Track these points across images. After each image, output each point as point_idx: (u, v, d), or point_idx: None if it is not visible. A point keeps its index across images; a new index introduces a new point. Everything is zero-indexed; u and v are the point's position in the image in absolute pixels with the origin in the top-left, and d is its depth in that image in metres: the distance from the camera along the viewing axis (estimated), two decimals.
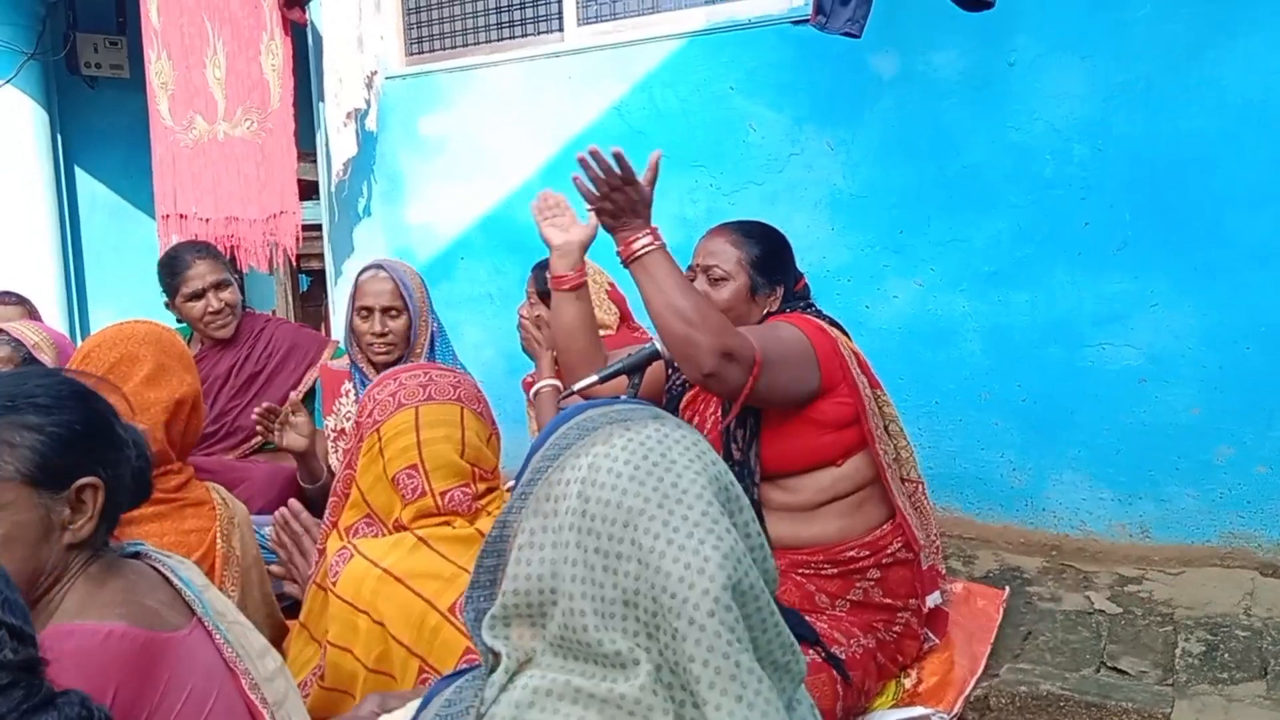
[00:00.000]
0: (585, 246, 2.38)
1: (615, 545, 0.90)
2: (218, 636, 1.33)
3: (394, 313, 2.95)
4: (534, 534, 0.95)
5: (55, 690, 0.86)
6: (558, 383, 2.72)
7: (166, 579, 1.34)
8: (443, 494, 1.73)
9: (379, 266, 3.06)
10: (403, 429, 1.73)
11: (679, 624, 0.86)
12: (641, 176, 2.14)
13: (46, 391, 1.26)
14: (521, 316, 2.99)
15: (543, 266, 2.98)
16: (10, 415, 1.23)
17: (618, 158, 2.10)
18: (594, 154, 2.11)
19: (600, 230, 2.30)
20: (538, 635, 0.95)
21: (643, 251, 2.13)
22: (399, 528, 1.75)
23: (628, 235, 2.15)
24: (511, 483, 1.24)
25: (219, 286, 3.18)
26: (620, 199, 2.13)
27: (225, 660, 1.33)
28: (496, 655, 0.96)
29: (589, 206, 2.21)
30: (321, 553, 1.82)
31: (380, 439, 1.74)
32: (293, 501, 1.97)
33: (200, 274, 3.17)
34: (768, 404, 2.21)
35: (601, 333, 2.66)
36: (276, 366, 3.27)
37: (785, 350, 2.20)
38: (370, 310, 2.94)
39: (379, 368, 3.00)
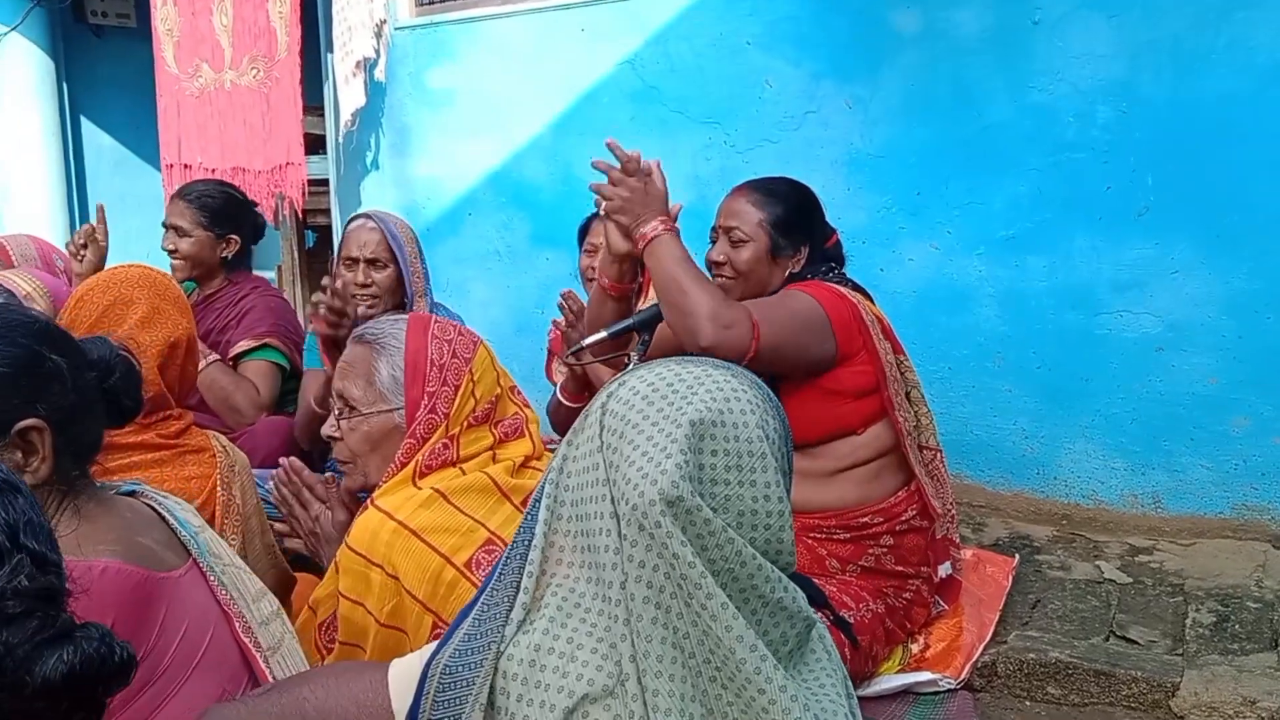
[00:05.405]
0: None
1: (611, 455, 0.91)
2: (212, 578, 1.32)
3: (379, 264, 2.87)
4: (576, 446, 0.97)
5: (75, 623, 0.81)
6: None
7: (162, 518, 1.32)
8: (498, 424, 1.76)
9: (367, 216, 2.98)
10: (486, 365, 1.76)
11: (629, 530, 0.86)
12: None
13: None
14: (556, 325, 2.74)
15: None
16: None
17: (611, 148, 2.15)
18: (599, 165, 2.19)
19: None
20: (563, 560, 0.94)
21: (653, 235, 2.14)
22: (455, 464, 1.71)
23: (641, 229, 2.16)
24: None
25: (176, 230, 3.07)
26: (626, 193, 2.15)
27: (220, 603, 1.31)
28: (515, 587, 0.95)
29: (601, 211, 2.23)
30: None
31: (474, 377, 1.72)
32: (293, 459, 1.92)
33: (170, 210, 3.11)
34: (777, 371, 2.17)
35: None
36: (229, 341, 3.02)
37: (792, 317, 2.17)
38: (355, 260, 2.87)
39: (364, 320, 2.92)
